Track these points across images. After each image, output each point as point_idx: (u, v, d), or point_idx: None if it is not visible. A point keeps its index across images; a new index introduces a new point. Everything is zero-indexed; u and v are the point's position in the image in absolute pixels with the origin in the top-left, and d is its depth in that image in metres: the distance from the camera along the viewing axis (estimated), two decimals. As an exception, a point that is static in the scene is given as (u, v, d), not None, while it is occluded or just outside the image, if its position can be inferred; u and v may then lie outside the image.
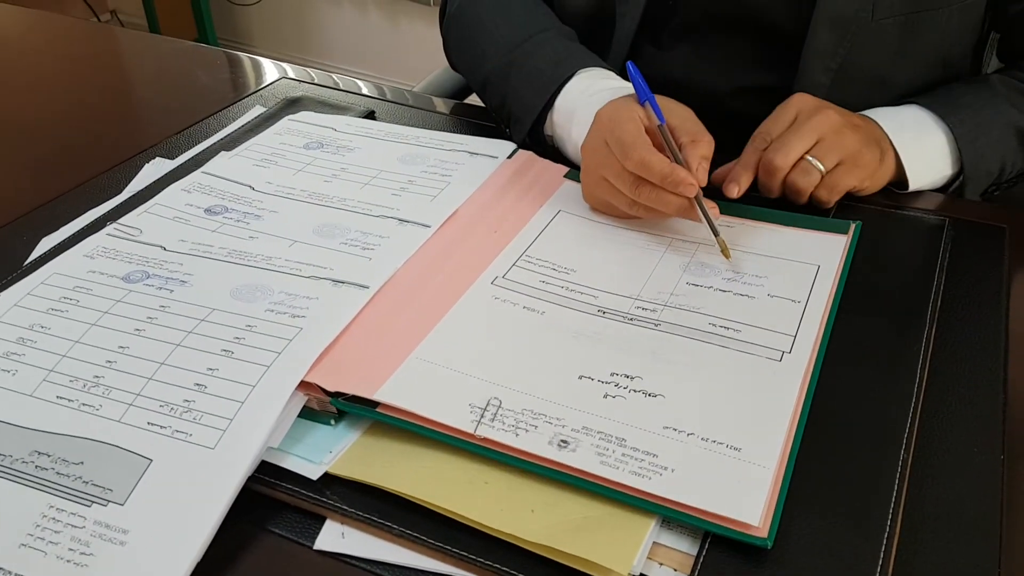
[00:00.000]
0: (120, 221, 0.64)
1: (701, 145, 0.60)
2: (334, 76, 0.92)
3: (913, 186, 0.68)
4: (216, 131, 0.80)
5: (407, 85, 0.89)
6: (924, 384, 0.50)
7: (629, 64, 0.64)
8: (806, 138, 0.64)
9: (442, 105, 0.87)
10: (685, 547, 0.42)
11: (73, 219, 0.68)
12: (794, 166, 0.64)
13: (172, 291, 0.57)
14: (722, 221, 0.63)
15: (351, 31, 2.46)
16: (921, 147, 0.68)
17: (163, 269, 0.59)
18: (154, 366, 0.51)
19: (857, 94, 0.71)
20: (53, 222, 0.68)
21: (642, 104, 0.62)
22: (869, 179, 0.66)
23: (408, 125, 0.79)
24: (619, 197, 0.62)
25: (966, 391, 0.50)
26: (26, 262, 0.63)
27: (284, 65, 0.94)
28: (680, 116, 0.63)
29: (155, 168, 0.75)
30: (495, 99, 0.76)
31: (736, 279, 0.58)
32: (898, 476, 0.44)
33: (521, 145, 0.74)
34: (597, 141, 0.62)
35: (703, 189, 0.59)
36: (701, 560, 0.41)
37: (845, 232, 0.62)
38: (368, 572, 0.43)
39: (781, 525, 0.42)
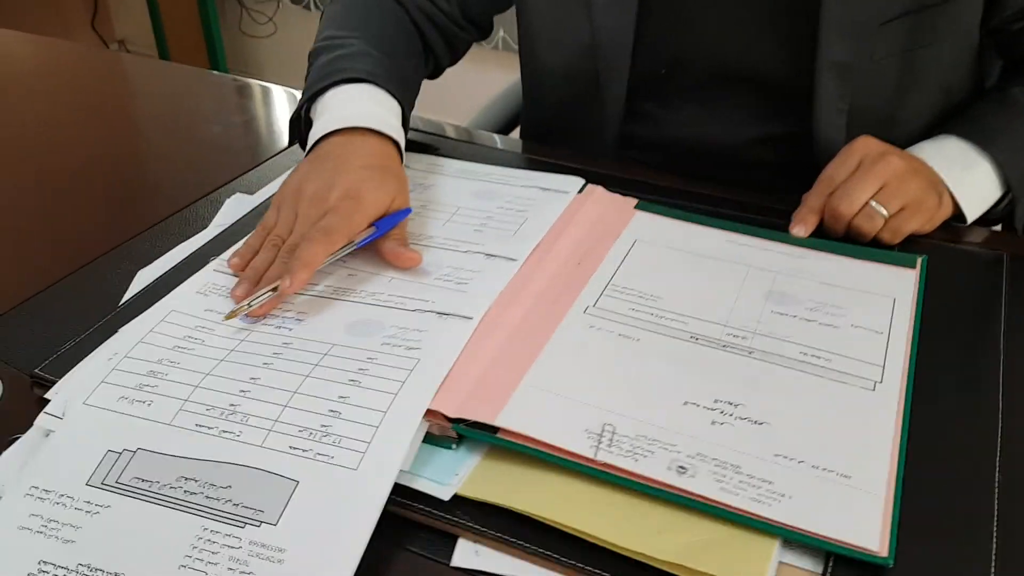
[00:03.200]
0: (222, 257, 0.67)
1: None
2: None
3: (970, 220, 0.72)
4: (288, 168, 0.83)
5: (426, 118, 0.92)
6: (1003, 408, 0.54)
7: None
8: (871, 185, 0.68)
9: (496, 141, 0.91)
10: (809, 566, 0.45)
11: (166, 252, 0.71)
12: (859, 211, 0.68)
13: (291, 329, 0.60)
14: (796, 253, 0.67)
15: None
16: (972, 181, 0.72)
17: (285, 306, 0.62)
18: (287, 395, 0.54)
19: (872, 131, 0.74)
20: (147, 255, 0.71)
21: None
22: (929, 222, 0.70)
23: (471, 160, 0.83)
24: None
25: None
26: (128, 295, 0.65)
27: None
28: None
29: (236, 203, 0.78)
30: (309, 68, 0.78)
31: (818, 308, 0.61)
32: (996, 496, 0.48)
33: (290, 123, 0.76)
34: (322, 199, 0.64)
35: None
36: (829, 568, 0.44)
37: (913, 266, 0.66)
38: (506, 583, 0.46)
39: (897, 545, 0.45)
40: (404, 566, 0.47)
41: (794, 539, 0.45)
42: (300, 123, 0.76)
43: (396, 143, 0.71)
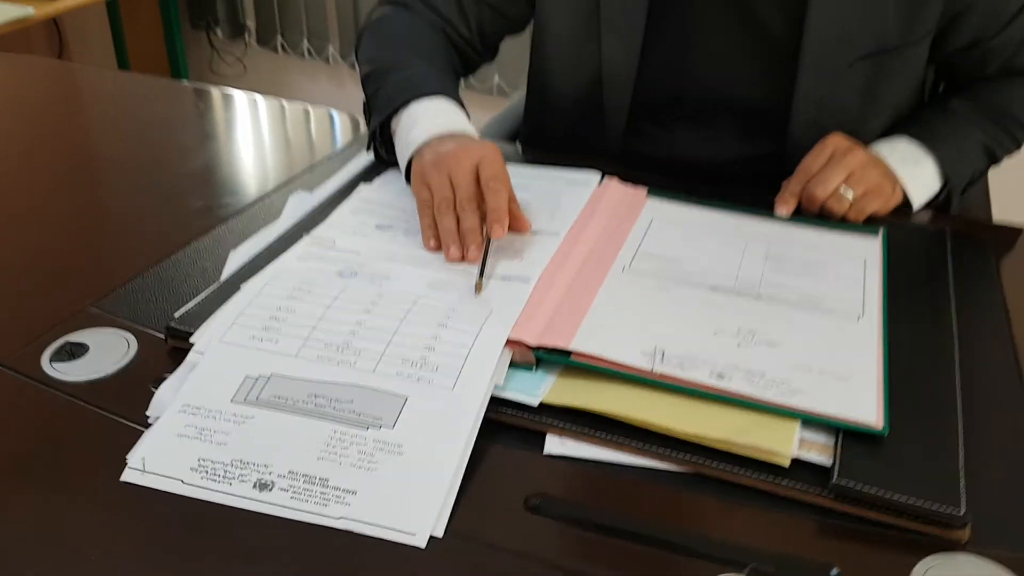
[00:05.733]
0: (312, 233, 0.78)
1: (501, 177, 0.77)
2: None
3: (916, 207, 0.89)
4: (338, 169, 0.95)
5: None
6: (957, 327, 0.69)
7: None
8: (840, 174, 0.84)
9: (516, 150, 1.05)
10: (823, 439, 0.59)
11: (251, 236, 0.82)
12: (830, 195, 0.83)
13: (381, 284, 0.71)
14: (784, 226, 0.82)
15: (327, 102, 2.62)
16: (919, 174, 0.89)
17: (366, 269, 0.73)
18: (389, 334, 0.66)
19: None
20: (233, 241, 0.81)
21: None
22: (885, 205, 0.86)
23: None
24: (447, 207, 0.76)
25: (986, 342, 0.70)
26: (226, 271, 0.76)
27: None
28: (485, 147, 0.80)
29: (300, 199, 0.89)
30: (372, 87, 0.91)
31: (808, 265, 0.76)
32: (958, 385, 0.63)
33: (372, 133, 0.90)
34: (462, 160, 0.77)
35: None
36: (839, 447, 0.57)
37: (877, 235, 0.81)
38: (588, 466, 0.58)
39: (889, 424, 0.59)
40: (507, 457, 0.59)
41: (811, 420, 0.59)
42: (378, 133, 0.88)
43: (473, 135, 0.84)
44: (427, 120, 0.84)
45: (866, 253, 0.78)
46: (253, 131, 1.11)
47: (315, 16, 2.47)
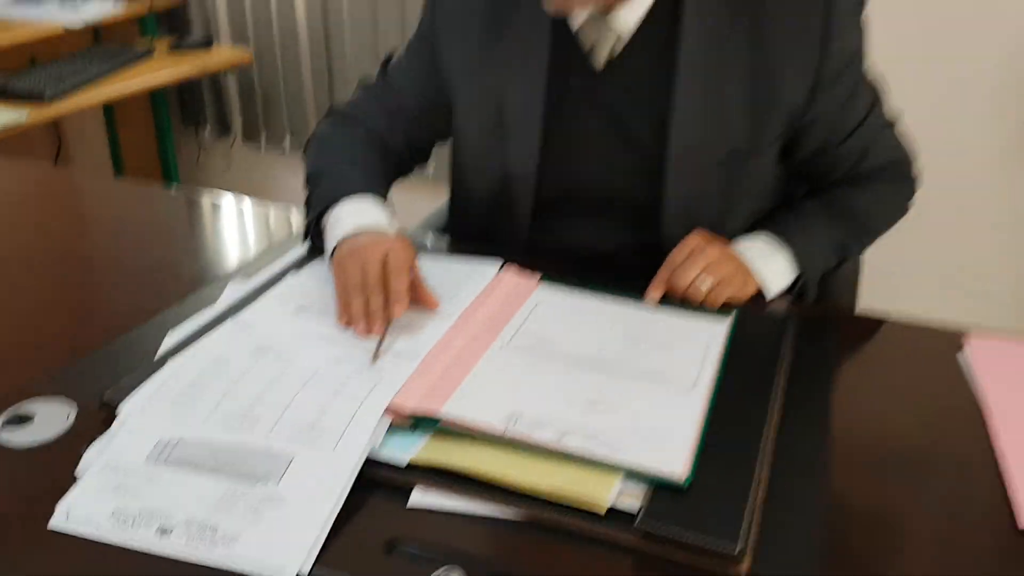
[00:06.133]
0: (237, 317, 0.91)
1: (401, 264, 0.91)
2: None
3: (770, 296, 1.01)
4: (274, 259, 1.08)
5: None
6: (779, 408, 0.81)
7: None
8: (697, 266, 0.97)
9: (430, 240, 1.18)
10: (640, 490, 0.69)
11: (188, 319, 0.94)
12: (689, 285, 0.96)
13: (289, 360, 0.83)
14: (649, 309, 0.95)
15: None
16: (773, 267, 1.02)
17: (278, 347, 0.86)
18: (286, 403, 0.77)
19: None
20: (172, 324, 0.93)
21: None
22: (738, 293, 0.98)
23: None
24: (357, 290, 0.89)
25: (804, 411, 0.81)
26: (162, 347, 0.88)
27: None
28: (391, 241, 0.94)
29: (236, 287, 1.02)
30: (310, 188, 1.08)
31: (661, 344, 0.88)
32: (760, 454, 0.74)
33: (307, 227, 1.06)
34: (373, 252, 0.91)
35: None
36: (650, 496, 0.68)
37: (727, 318, 0.94)
38: (444, 515, 0.69)
39: (694, 476, 0.70)
40: (376, 507, 0.70)
41: (629, 473, 0.70)
42: (311, 228, 1.05)
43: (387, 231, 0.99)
44: (349, 218, 0.99)
45: (713, 334, 0.90)
46: (212, 227, 1.25)
47: (296, 117, 2.65)
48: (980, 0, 1.91)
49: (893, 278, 1.77)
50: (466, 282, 0.99)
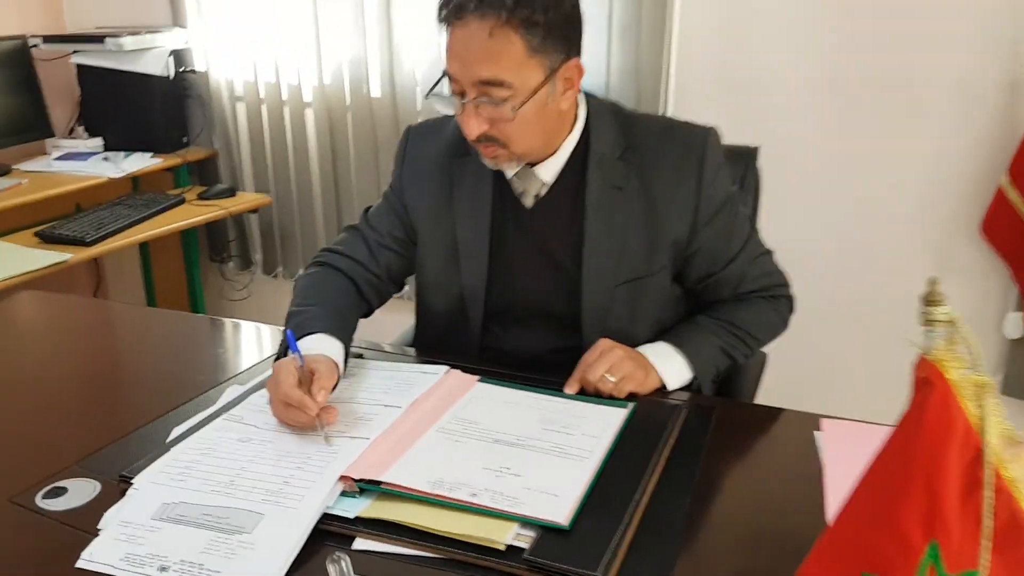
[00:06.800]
0: (229, 412, 1.13)
1: (322, 380, 1.07)
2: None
3: (669, 388, 1.22)
4: (265, 369, 1.30)
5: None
6: (657, 475, 1.00)
7: (288, 332, 1.15)
8: (604, 366, 1.18)
9: (392, 349, 1.41)
10: (531, 534, 0.89)
11: (193, 416, 1.16)
12: (598, 380, 1.17)
13: (266, 445, 1.05)
14: (563, 400, 1.15)
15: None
16: (670, 365, 1.23)
17: (259, 436, 1.07)
18: (262, 475, 0.98)
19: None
20: (179, 420, 1.16)
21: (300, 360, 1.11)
22: (640, 387, 1.20)
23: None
24: (279, 412, 1.08)
25: (674, 474, 1.00)
26: (170, 436, 1.10)
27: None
28: (320, 362, 1.11)
29: (233, 390, 1.25)
30: (288, 321, 1.25)
31: (568, 425, 1.09)
32: (632, 507, 0.93)
33: (278, 353, 1.22)
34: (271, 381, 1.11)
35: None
36: (540, 536, 0.88)
37: (626, 407, 1.14)
38: (383, 556, 0.89)
39: (575, 523, 0.89)
40: (325, 552, 0.90)
41: (524, 521, 0.89)
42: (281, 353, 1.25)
43: (335, 362, 1.18)
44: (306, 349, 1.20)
45: (611, 418, 1.11)
46: (215, 344, 1.49)
47: (310, 250, 2.95)
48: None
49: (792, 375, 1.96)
50: (416, 382, 1.21)
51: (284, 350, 1.25)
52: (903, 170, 2.19)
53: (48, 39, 2.88)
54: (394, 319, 1.63)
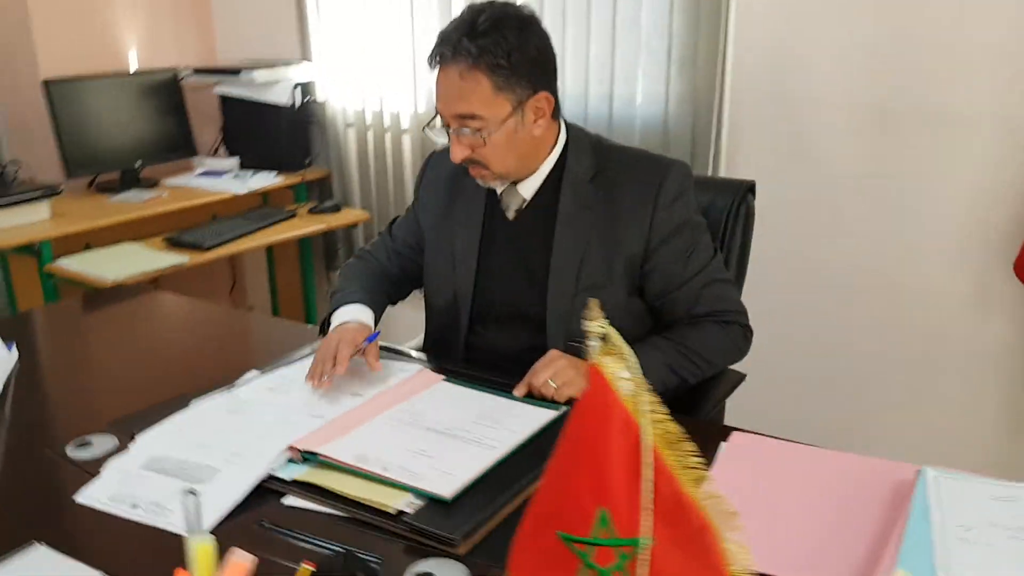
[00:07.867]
0: (231, 392, 1.37)
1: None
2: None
3: None
4: (285, 361, 1.53)
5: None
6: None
7: (374, 334, 1.43)
8: (547, 372, 1.32)
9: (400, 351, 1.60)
10: (421, 503, 1.05)
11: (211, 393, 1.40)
12: (541, 384, 1.31)
13: (248, 416, 1.27)
14: (506, 400, 1.30)
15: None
16: None
17: (244, 408, 1.30)
18: (232, 441, 1.20)
19: (577, 349, 1.35)
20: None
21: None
22: (580, 393, 1.30)
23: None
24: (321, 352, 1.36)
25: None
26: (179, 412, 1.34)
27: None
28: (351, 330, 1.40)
29: (253, 374, 1.48)
30: (331, 300, 1.54)
31: (498, 421, 1.24)
32: (505, 494, 1.07)
33: (321, 325, 1.50)
34: (332, 336, 1.39)
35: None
36: (425, 505, 1.04)
37: (558, 410, 1.27)
38: (305, 512, 1.08)
39: (459, 499, 1.05)
40: (263, 503, 1.10)
41: (416, 492, 1.06)
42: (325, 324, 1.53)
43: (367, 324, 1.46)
44: (340, 317, 1.47)
45: (538, 418, 1.25)
46: (255, 341, 1.74)
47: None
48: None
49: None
50: (388, 378, 1.40)
51: (325, 324, 1.54)
52: (942, 203, 2.18)
53: (197, 71, 3.31)
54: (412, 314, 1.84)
